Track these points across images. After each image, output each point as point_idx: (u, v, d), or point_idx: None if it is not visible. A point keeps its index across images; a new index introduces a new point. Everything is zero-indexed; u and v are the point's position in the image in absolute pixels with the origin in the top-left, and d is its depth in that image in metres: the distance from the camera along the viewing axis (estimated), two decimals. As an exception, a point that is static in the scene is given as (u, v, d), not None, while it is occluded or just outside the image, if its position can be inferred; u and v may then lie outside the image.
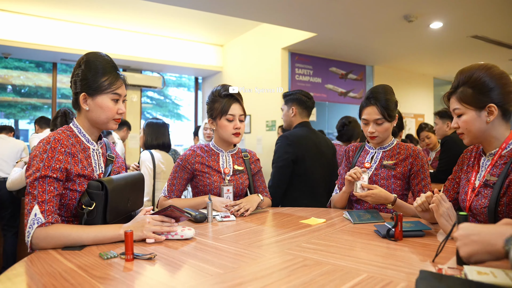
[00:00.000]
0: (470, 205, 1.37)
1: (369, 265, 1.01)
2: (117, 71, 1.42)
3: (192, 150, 1.94)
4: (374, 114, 1.81)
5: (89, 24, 6.47)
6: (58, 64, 7.19)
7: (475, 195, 1.37)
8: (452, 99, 1.37)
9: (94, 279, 0.89)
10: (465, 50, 6.65)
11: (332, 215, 1.74)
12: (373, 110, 1.82)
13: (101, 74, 1.36)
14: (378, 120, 1.82)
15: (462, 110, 1.32)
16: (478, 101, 1.29)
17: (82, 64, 1.38)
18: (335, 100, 7.24)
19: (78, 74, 1.38)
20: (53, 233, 1.15)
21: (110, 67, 1.40)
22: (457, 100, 1.33)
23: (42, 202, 1.18)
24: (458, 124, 1.35)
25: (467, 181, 1.44)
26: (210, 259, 1.07)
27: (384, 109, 1.80)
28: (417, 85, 8.76)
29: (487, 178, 1.34)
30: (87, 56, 1.39)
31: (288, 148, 2.46)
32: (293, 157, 2.45)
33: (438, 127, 3.55)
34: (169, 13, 5.97)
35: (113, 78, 1.39)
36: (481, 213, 1.33)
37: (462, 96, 1.32)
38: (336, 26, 5.27)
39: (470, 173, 1.44)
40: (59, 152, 1.26)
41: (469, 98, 1.30)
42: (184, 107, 12.03)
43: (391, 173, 1.84)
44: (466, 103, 1.31)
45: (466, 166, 1.50)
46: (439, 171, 3.35)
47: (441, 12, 4.77)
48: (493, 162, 1.34)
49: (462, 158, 1.55)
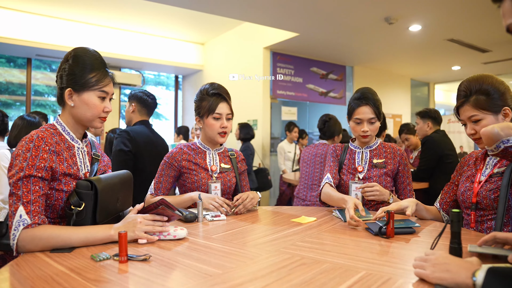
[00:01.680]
0: (476, 193, 1.42)
1: (366, 263, 1.01)
2: (105, 68, 1.38)
3: (179, 148, 1.92)
4: (369, 114, 1.87)
5: (67, 19, 6.28)
6: (33, 60, 6.95)
7: (481, 186, 1.42)
8: (466, 107, 1.41)
9: (89, 282, 0.86)
10: (442, 53, 6.85)
11: (321, 214, 1.75)
12: (368, 109, 1.87)
13: (89, 70, 1.32)
14: (372, 119, 1.88)
15: (480, 116, 1.37)
16: (494, 106, 1.36)
17: (70, 59, 1.33)
18: (316, 100, 7.31)
19: (65, 68, 1.33)
20: (41, 235, 1.10)
21: (99, 64, 1.36)
22: (473, 107, 1.38)
23: (27, 202, 1.13)
24: (475, 130, 1.39)
25: (468, 178, 1.50)
26: (206, 259, 1.05)
27: (376, 109, 1.88)
28: (395, 86, 8.96)
29: (495, 172, 1.40)
30: (75, 51, 1.34)
31: (127, 142, 2.49)
32: (134, 151, 2.50)
33: (419, 127, 3.64)
34: (150, 10, 5.86)
35: (101, 75, 1.34)
36: (484, 198, 1.38)
37: (478, 103, 1.37)
38: (318, 26, 5.32)
39: (474, 170, 1.50)
40: (43, 150, 1.20)
41: (486, 104, 1.36)
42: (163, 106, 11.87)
43: (383, 171, 1.90)
44: (483, 109, 1.37)
45: (466, 166, 1.57)
46: (420, 169, 3.44)
47: (420, 15, 4.89)
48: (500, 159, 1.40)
49: (461, 165, 1.62)
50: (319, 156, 3.41)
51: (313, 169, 3.46)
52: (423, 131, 3.57)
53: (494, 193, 1.36)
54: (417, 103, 9.73)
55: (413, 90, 9.59)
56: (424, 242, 1.24)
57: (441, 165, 3.33)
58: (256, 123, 6.46)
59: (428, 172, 3.40)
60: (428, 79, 9.82)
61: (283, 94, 6.73)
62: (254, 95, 6.47)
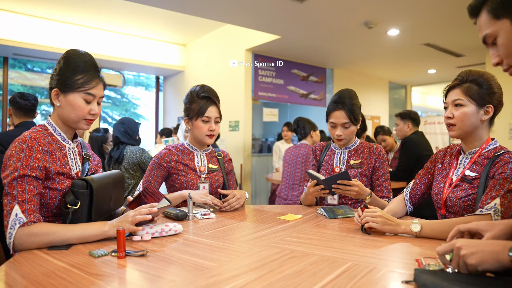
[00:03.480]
0: (446, 197, 1.49)
1: (351, 255, 1.08)
2: (95, 71, 1.39)
3: (167, 149, 1.95)
4: (342, 118, 1.90)
5: (46, 18, 6.17)
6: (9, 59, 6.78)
7: (452, 188, 1.48)
8: (455, 91, 1.45)
9: (91, 276, 0.90)
10: (418, 57, 7.09)
11: (307, 211, 1.82)
12: (341, 114, 1.90)
13: (76, 72, 1.34)
14: (346, 123, 1.91)
15: (465, 102, 1.42)
16: (481, 99, 1.41)
17: (61, 60, 1.36)
18: (297, 101, 7.42)
19: (56, 69, 1.36)
20: (37, 232, 1.13)
21: (88, 66, 1.37)
22: (463, 92, 1.43)
23: (23, 201, 1.15)
24: (454, 114, 1.44)
25: (443, 177, 1.56)
26: (201, 253, 1.10)
27: (350, 113, 1.89)
28: (373, 89, 9.19)
29: (466, 174, 1.46)
30: (67, 53, 1.37)
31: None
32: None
33: (399, 127, 3.76)
34: (131, 10, 5.83)
35: (89, 77, 1.35)
36: (455, 205, 1.44)
37: (469, 90, 1.42)
38: (299, 30, 5.42)
39: (448, 169, 1.55)
40: (36, 150, 1.23)
41: (475, 94, 1.41)
42: (142, 107, 11.75)
43: (358, 171, 1.96)
44: (470, 97, 1.42)
45: (440, 164, 1.61)
46: (399, 169, 3.56)
47: (398, 20, 5.07)
48: (472, 160, 1.46)
49: (435, 157, 1.66)
50: (300, 156, 3.50)
51: (294, 169, 3.55)
52: (403, 132, 3.70)
53: (464, 202, 1.41)
54: (394, 105, 10.01)
55: (391, 92, 9.86)
56: (405, 236, 1.32)
57: (419, 165, 3.45)
58: (238, 124, 6.51)
59: (406, 172, 3.52)
60: (405, 82, 10.11)
61: (264, 96, 6.81)
62: (236, 96, 6.52)
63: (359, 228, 1.41)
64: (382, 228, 1.32)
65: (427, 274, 0.84)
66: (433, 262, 0.96)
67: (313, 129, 3.70)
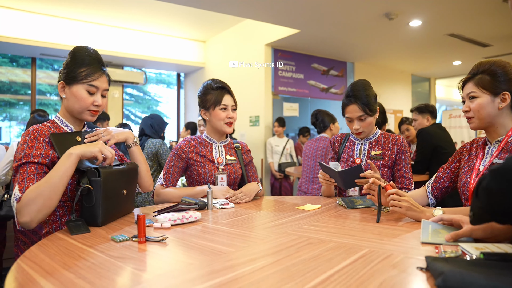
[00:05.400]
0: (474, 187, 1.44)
1: (369, 242, 1.08)
2: (99, 64, 1.45)
3: (186, 141, 1.99)
4: (356, 112, 1.88)
5: (71, 19, 6.35)
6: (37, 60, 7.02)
7: (479, 178, 1.43)
8: (468, 84, 1.46)
9: (112, 258, 0.93)
10: (442, 48, 6.90)
11: (326, 202, 1.82)
12: (355, 108, 1.88)
13: (80, 65, 1.40)
14: (361, 116, 1.88)
15: (478, 93, 1.42)
16: (494, 87, 1.39)
17: (69, 56, 1.44)
18: (317, 96, 7.37)
19: (64, 64, 1.44)
20: (29, 197, 1.17)
21: (92, 60, 1.43)
22: (475, 85, 1.42)
23: (22, 181, 1.24)
24: (470, 107, 1.44)
25: (470, 169, 1.52)
26: (219, 240, 1.12)
27: (365, 106, 1.86)
28: (396, 82, 9.01)
29: (493, 162, 1.42)
30: (75, 49, 1.45)
31: None
32: None
33: (418, 122, 3.68)
34: (151, 8, 5.93)
35: (91, 70, 1.41)
36: None
37: (480, 81, 1.41)
38: (319, 23, 5.37)
39: (474, 161, 1.51)
40: (38, 141, 1.33)
41: (487, 84, 1.40)
42: (164, 104, 11.93)
43: (380, 162, 1.93)
44: (483, 87, 1.41)
45: (467, 156, 1.57)
46: (416, 162, 3.49)
47: (420, 10, 4.94)
48: (499, 148, 1.42)
49: (461, 151, 1.63)
50: (320, 149, 3.48)
51: (314, 162, 3.53)
52: (422, 125, 3.62)
53: None
54: (418, 99, 9.78)
55: (414, 85, 9.65)
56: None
57: (436, 156, 3.35)
58: (258, 119, 6.52)
59: (424, 164, 3.44)
60: (429, 75, 9.87)
61: (284, 91, 6.80)
62: (256, 91, 6.53)
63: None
64: (405, 213, 1.31)
65: (440, 262, 0.82)
66: (450, 249, 0.94)
67: (332, 122, 3.67)
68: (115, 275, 0.82)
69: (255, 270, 0.84)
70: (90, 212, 1.27)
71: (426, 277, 0.80)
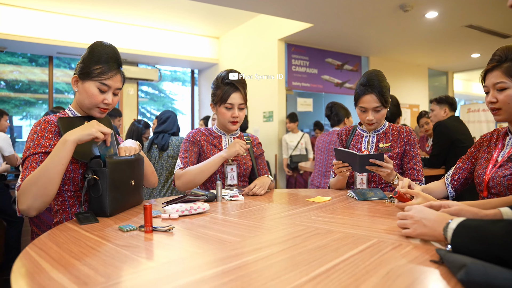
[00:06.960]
0: (489, 178, 1.38)
1: (378, 233, 1.06)
2: (115, 63, 1.44)
3: (197, 129, 2.01)
4: (373, 102, 1.84)
5: (86, 17, 6.45)
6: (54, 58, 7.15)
7: (496, 168, 1.37)
8: (495, 73, 1.31)
9: (118, 247, 0.94)
10: (460, 40, 6.72)
11: (337, 194, 1.79)
12: (372, 98, 1.83)
13: (96, 62, 1.40)
14: (377, 107, 1.85)
15: (508, 84, 1.28)
16: None
17: (87, 50, 1.44)
18: (331, 91, 7.29)
19: (81, 58, 1.44)
20: (25, 185, 1.18)
21: (108, 58, 1.42)
22: (504, 74, 1.28)
23: (25, 169, 1.26)
24: (498, 98, 1.31)
25: (487, 160, 1.45)
26: (226, 230, 1.11)
27: (381, 96, 1.83)
28: (412, 76, 8.85)
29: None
30: (93, 44, 1.45)
31: None
32: None
33: (434, 113, 3.58)
34: (165, 5, 5.96)
35: (106, 68, 1.40)
36: (498, 184, 1.34)
37: (510, 70, 1.27)
38: (332, 16, 5.31)
39: (493, 151, 1.45)
40: (48, 131, 1.34)
41: None
42: (179, 101, 12.02)
43: (388, 154, 1.89)
44: None
45: (486, 147, 1.51)
46: (432, 155, 3.40)
47: (436, 1, 4.82)
48: None
49: (481, 140, 1.55)
50: (333, 143, 3.44)
51: (327, 156, 3.50)
52: (439, 117, 3.52)
53: (508, 180, 1.30)
54: (435, 93, 9.57)
55: (431, 79, 9.45)
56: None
57: (454, 149, 3.25)
58: (272, 114, 6.50)
59: (441, 157, 3.35)
60: (447, 68, 9.64)
61: (298, 86, 6.75)
62: (269, 86, 6.51)
63: (389, 210, 1.37)
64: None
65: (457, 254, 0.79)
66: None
67: (346, 116, 3.61)
68: (120, 263, 0.83)
69: (260, 259, 0.84)
70: (98, 203, 1.28)
71: (434, 267, 0.78)
